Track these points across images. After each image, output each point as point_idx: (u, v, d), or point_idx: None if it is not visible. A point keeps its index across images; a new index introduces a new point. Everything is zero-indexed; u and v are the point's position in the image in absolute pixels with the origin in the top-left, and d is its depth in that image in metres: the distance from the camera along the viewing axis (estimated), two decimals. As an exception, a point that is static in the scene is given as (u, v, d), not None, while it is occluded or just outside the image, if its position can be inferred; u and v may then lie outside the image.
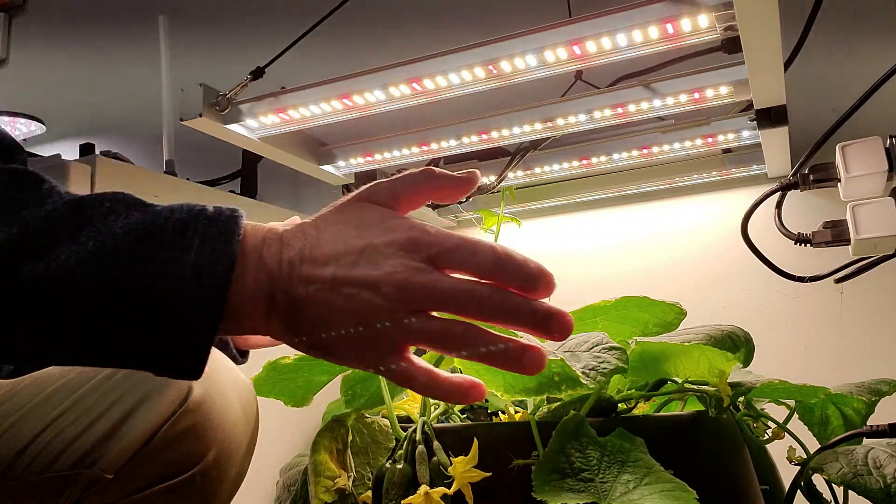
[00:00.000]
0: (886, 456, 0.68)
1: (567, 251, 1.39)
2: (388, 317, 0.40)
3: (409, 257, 0.40)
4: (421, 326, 0.40)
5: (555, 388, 0.68)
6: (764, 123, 0.96)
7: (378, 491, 0.70)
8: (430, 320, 0.41)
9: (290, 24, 1.63)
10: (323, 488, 0.72)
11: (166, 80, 1.39)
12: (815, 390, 0.71)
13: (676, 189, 1.32)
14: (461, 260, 0.41)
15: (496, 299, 0.40)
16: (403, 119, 1.12)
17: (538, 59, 0.85)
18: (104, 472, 0.53)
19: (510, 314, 0.40)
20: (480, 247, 0.41)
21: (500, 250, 0.41)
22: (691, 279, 1.29)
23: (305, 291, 0.40)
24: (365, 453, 0.78)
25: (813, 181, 0.90)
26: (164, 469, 0.55)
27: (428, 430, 0.72)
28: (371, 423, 0.80)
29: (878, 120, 1.04)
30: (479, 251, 0.41)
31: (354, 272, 0.40)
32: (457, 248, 0.41)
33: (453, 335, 0.40)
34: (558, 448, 0.65)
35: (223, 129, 1.01)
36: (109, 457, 0.54)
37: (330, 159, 1.18)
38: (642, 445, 0.66)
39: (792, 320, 1.21)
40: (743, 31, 0.74)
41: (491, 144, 1.13)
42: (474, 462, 0.67)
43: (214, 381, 0.58)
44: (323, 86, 0.95)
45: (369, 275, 0.40)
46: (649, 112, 1.00)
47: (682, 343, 0.70)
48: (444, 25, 1.57)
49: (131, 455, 0.54)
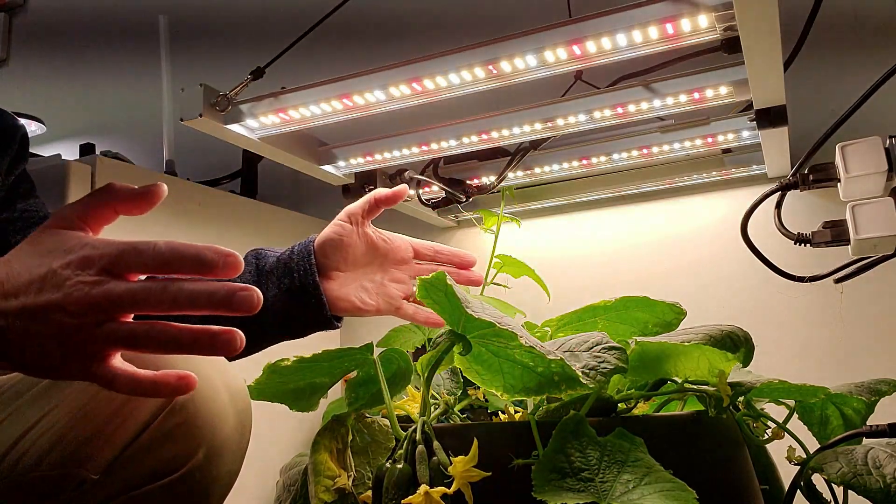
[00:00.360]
0: (886, 456, 0.68)
1: (567, 251, 1.39)
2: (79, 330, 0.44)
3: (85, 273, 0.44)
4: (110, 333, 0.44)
5: (555, 388, 0.68)
6: (764, 123, 0.96)
7: (378, 491, 0.70)
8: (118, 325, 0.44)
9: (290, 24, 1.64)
10: (323, 488, 0.72)
11: (166, 79, 1.39)
12: (814, 390, 0.71)
13: (676, 189, 1.32)
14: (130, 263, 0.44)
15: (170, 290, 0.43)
16: (403, 119, 1.12)
17: (538, 59, 0.85)
18: (90, 472, 0.53)
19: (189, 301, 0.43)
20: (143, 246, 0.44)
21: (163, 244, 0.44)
22: (691, 279, 1.29)
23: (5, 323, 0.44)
24: (365, 453, 0.78)
25: (813, 181, 0.90)
26: (153, 469, 0.55)
27: (428, 429, 0.72)
28: (371, 423, 0.80)
29: (878, 120, 1.04)
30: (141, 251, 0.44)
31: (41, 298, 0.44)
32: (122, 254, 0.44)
33: (138, 334, 0.44)
34: (558, 448, 0.65)
35: (223, 129, 1.01)
36: (96, 457, 0.53)
37: (330, 159, 1.18)
38: (642, 445, 0.66)
39: (792, 320, 1.21)
40: (743, 31, 0.74)
41: (491, 144, 1.13)
42: (474, 462, 0.67)
43: (203, 379, 0.58)
44: (323, 86, 0.95)
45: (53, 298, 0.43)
46: (649, 112, 1.00)
47: (682, 343, 0.70)
48: (444, 25, 1.57)
49: (117, 455, 0.54)
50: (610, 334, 0.72)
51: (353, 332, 1.53)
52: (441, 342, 0.71)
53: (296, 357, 0.76)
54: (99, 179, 1.03)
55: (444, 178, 1.26)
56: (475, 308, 0.66)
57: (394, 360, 0.80)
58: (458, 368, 0.80)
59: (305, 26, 1.07)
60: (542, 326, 0.89)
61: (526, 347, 0.64)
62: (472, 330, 0.70)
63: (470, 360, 0.72)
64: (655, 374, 0.77)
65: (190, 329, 0.44)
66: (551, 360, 0.65)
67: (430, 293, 0.69)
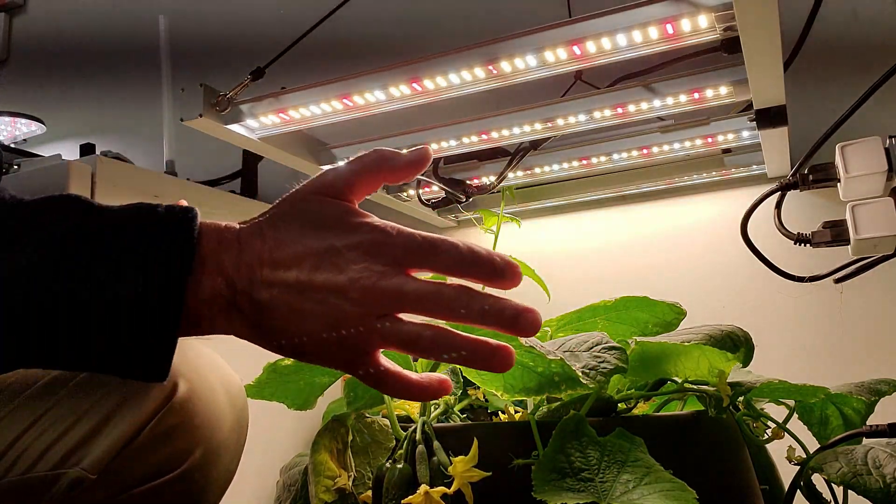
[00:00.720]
0: (886, 456, 0.68)
1: (567, 251, 1.39)
2: (358, 321, 0.40)
3: (373, 261, 0.40)
4: (391, 331, 0.41)
5: (555, 388, 0.69)
6: (764, 123, 0.96)
7: (378, 491, 0.70)
8: (399, 324, 0.41)
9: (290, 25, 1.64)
10: (323, 488, 0.72)
11: (166, 79, 1.39)
12: (814, 390, 0.71)
13: (676, 189, 1.32)
14: (425, 260, 0.41)
15: (463, 301, 0.40)
16: (403, 119, 1.12)
17: (538, 59, 0.85)
18: (87, 472, 0.53)
19: (479, 315, 0.40)
20: (443, 245, 0.41)
21: (464, 247, 0.41)
22: (691, 279, 1.29)
23: (269, 295, 0.40)
24: (365, 453, 0.78)
25: (812, 181, 0.90)
26: (150, 468, 0.55)
27: (428, 429, 0.72)
28: (371, 423, 0.80)
29: (878, 120, 1.04)
30: (442, 250, 0.41)
31: (318, 277, 0.40)
32: (420, 249, 0.41)
33: (423, 339, 0.41)
34: (558, 448, 0.65)
35: (223, 129, 1.01)
36: (93, 456, 0.53)
37: (330, 159, 1.18)
38: (642, 445, 0.66)
39: (792, 320, 1.21)
40: (743, 32, 0.74)
41: (491, 144, 1.13)
42: (474, 462, 0.67)
43: (201, 378, 0.57)
44: (323, 86, 0.95)
45: (334, 280, 0.40)
46: (649, 112, 1.00)
47: (682, 343, 0.71)
48: (445, 25, 1.57)
49: (115, 454, 0.53)
50: (610, 334, 0.72)
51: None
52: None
53: (296, 357, 0.76)
54: (99, 179, 1.03)
55: (444, 178, 1.26)
56: (475, 308, 0.66)
57: (394, 359, 0.80)
58: (458, 368, 0.80)
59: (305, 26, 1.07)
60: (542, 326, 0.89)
61: (526, 347, 0.64)
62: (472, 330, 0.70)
63: (470, 360, 0.72)
64: (655, 374, 0.77)
65: (472, 340, 0.41)
66: (551, 360, 0.65)
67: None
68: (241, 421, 0.62)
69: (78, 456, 0.53)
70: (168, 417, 0.55)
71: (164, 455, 0.55)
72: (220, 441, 0.58)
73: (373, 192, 0.45)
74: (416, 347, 0.41)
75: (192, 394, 0.56)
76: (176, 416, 0.55)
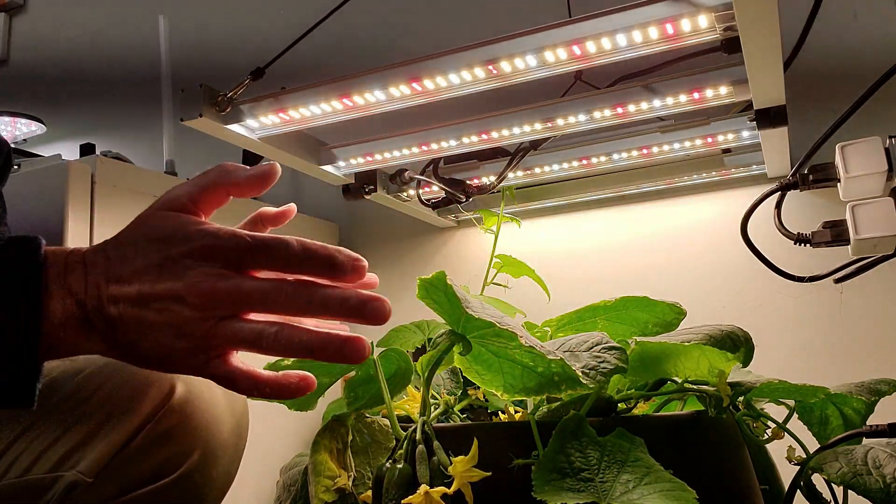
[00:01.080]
0: (886, 456, 0.68)
1: (567, 251, 1.39)
2: (200, 325, 0.41)
3: (210, 264, 0.41)
4: (233, 331, 0.41)
5: (554, 388, 0.68)
6: (764, 123, 0.96)
7: (378, 490, 0.70)
8: (241, 323, 0.41)
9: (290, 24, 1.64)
10: (323, 488, 0.72)
11: (166, 79, 1.39)
12: (814, 390, 0.71)
13: (676, 189, 1.32)
14: (260, 259, 0.41)
15: (303, 293, 0.41)
16: (403, 119, 1.12)
17: (538, 59, 0.85)
18: (84, 475, 0.53)
19: (321, 306, 0.41)
20: (275, 243, 0.41)
21: (297, 243, 0.41)
22: (691, 279, 1.29)
23: (117, 310, 0.41)
24: (365, 453, 0.78)
25: (812, 181, 0.90)
26: (148, 472, 0.54)
27: (428, 429, 0.72)
28: (371, 423, 0.80)
29: (878, 120, 1.04)
30: (274, 247, 0.41)
31: (158, 286, 0.41)
32: (252, 248, 0.41)
33: (265, 335, 0.41)
34: (558, 448, 0.65)
35: (223, 129, 1.01)
36: (89, 460, 0.53)
37: (330, 159, 1.18)
38: (642, 445, 0.66)
39: (792, 320, 1.21)
40: (743, 32, 0.74)
41: (491, 144, 1.13)
42: (474, 462, 0.67)
43: (199, 381, 0.57)
44: (323, 86, 0.95)
45: (173, 287, 0.40)
46: (649, 112, 1.00)
47: (682, 343, 0.71)
48: (444, 25, 1.57)
49: (111, 457, 0.53)
50: (610, 334, 0.72)
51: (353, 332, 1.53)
52: (441, 342, 0.71)
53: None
54: (98, 179, 1.03)
55: (444, 178, 1.26)
56: (475, 308, 0.66)
57: (394, 359, 0.80)
58: (458, 368, 0.80)
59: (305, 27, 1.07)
60: (542, 326, 0.89)
61: (526, 347, 0.64)
62: (472, 330, 0.70)
63: (470, 360, 0.72)
64: (655, 374, 0.77)
65: (320, 334, 0.41)
66: (551, 360, 0.65)
67: (429, 293, 0.69)
68: (240, 423, 0.62)
69: (74, 459, 0.53)
70: (166, 420, 0.54)
71: (163, 457, 0.55)
72: (220, 443, 0.58)
73: (219, 205, 0.46)
74: (261, 345, 0.41)
75: (190, 395, 0.56)
76: (174, 418, 0.55)
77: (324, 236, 1.47)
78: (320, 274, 0.42)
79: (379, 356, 0.78)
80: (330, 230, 1.49)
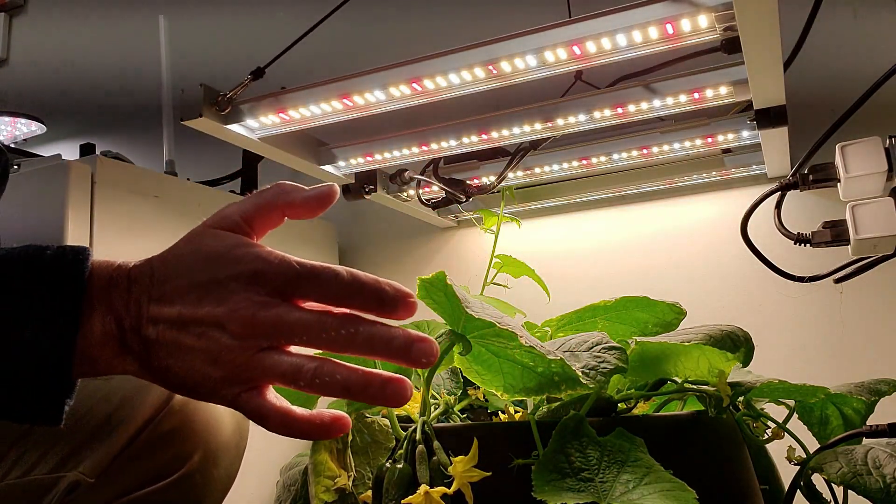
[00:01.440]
0: (886, 456, 0.68)
1: (567, 251, 1.39)
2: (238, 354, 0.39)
3: (254, 290, 0.39)
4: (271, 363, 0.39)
5: (555, 388, 0.69)
6: (763, 123, 0.96)
7: (378, 490, 0.70)
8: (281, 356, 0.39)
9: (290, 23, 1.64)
10: (323, 488, 0.72)
11: (166, 79, 1.39)
12: (814, 390, 0.71)
13: (676, 189, 1.32)
14: (308, 288, 0.39)
15: (348, 329, 0.39)
16: (403, 119, 1.12)
17: (538, 59, 0.85)
18: (86, 475, 0.53)
19: (365, 344, 0.39)
20: (325, 273, 0.39)
21: (347, 274, 0.39)
22: (691, 279, 1.29)
23: (155, 332, 0.39)
24: (365, 453, 0.78)
25: (812, 181, 0.90)
26: (149, 472, 0.54)
27: (428, 429, 0.72)
28: (371, 423, 0.80)
29: (878, 120, 1.04)
30: (324, 277, 0.39)
31: (200, 310, 0.39)
32: (301, 277, 0.39)
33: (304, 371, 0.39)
34: (558, 448, 0.65)
35: (223, 129, 1.01)
36: (91, 460, 0.53)
37: (330, 159, 1.18)
38: (642, 445, 0.66)
39: (792, 320, 1.21)
40: (743, 32, 0.74)
41: (491, 144, 1.13)
42: (474, 462, 0.67)
43: None
44: (323, 86, 0.95)
45: (214, 312, 0.38)
46: (649, 112, 1.00)
47: (682, 343, 0.71)
48: (445, 25, 1.57)
49: (113, 458, 0.53)
50: (610, 334, 0.72)
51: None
52: (441, 342, 0.71)
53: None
54: (99, 179, 1.03)
55: (444, 178, 1.26)
56: (475, 308, 0.66)
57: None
58: (458, 368, 0.80)
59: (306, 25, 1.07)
60: (542, 326, 0.89)
61: (526, 347, 0.64)
62: (472, 330, 0.70)
63: (470, 360, 0.72)
64: (655, 374, 0.77)
65: (362, 373, 0.39)
66: (551, 360, 0.65)
67: (429, 293, 0.69)
68: (241, 424, 0.62)
69: (76, 459, 0.53)
70: (166, 421, 0.55)
71: (164, 458, 0.55)
72: (220, 444, 0.58)
73: (274, 226, 0.44)
74: (299, 380, 0.39)
75: None
76: (175, 420, 0.55)
77: (322, 236, 1.47)
78: (368, 308, 0.40)
79: (379, 356, 0.78)
80: (328, 230, 1.49)
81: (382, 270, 1.55)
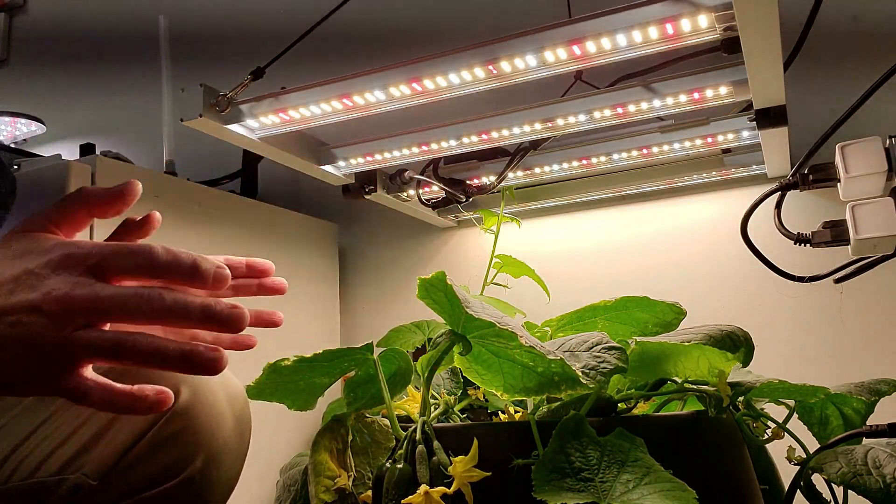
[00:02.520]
0: (886, 456, 0.68)
1: (567, 251, 1.40)
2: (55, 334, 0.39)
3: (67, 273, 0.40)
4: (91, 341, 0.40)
5: (555, 388, 0.69)
6: (764, 123, 0.96)
7: (378, 490, 0.70)
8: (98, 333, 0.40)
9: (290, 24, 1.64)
10: (323, 488, 0.72)
11: (166, 79, 1.39)
12: (814, 390, 0.71)
13: (676, 189, 1.32)
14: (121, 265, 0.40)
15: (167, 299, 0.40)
16: (403, 119, 1.12)
17: (538, 59, 0.85)
18: (88, 478, 0.53)
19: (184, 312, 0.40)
20: (137, 249, 0.41)
21: (161, 249, 0.41)
22: (691, 279, 1.29)
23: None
24: (365, 453, 0.78)
25: (812, 181, 0.90)
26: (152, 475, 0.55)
27: (428, 429, 0.73)
28: (371, 423, 0.80)
29: (878, 120, 1.04)
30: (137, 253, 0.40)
31: (13, 299, 0.39)
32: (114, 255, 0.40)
33: (123, 345, 0.40)
34: (558, 448, 0.65)
35: (223, 129, 1.01)
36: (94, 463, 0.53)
37: (330, 159, 1.18)
38: (642, 445, 0.66)
39: (792, 320, 1.21)
40: (743, 32, 0.74)
41: (491, 144, 1.13)
42: (474, 462, 0.67)
43: (203, 385, 0.57)
44: (323, 86, 0.95)
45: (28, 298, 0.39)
46: (649, 112, 1.00)
47: (682, 343, 0.71)
48: (445, 26, 1.57)
49: (116, 461, 0.53)
50: (610, 334, 0.72)
51: (354, 332, 1.53)
52: (441, 342, 0.71)
53: (296, 357, 0.76)
54: (99, 179, 1.03)
55: (444, 178, 1.26)
56: (475, 308, 0.66)
57: (394, 359, 0.80)
58: (458, 368, 0.80)
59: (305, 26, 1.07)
60: (542, 326, 0.89)
61: (526, 347, 0.64)
62: (472, 330, 0.70)
63: (470, 360, 0.72)
64: (655, 374, 0.77)
65: (178, 344, 0.40)
66: (551, 360, 0.65)
67: (429, 293, 0.69)
68: (242, 426, 0.62)
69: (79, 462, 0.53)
70: (169, 424, 0.55)
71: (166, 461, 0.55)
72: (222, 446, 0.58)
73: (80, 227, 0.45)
74: (121, 356, 0.40)
75: (194, 400, 0.56)
76: (177, 423, 0.55)
77: (322, 236, 1.47)
78: (184, 282, 0.41)
79: (379, 356, 0.78)
80: (328, 230, 1.49)
81: (382, 270, 1.55)
